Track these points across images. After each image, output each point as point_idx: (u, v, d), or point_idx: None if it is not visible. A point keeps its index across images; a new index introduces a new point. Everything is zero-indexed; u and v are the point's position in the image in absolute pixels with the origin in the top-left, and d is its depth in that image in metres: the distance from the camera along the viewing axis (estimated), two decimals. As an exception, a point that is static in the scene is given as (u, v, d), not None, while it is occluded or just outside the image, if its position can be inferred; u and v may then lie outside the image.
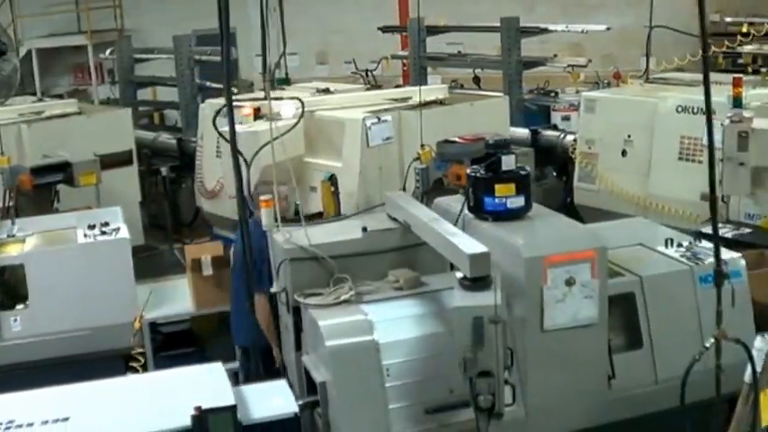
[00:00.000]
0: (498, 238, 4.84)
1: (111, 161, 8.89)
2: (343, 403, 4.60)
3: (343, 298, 4.89)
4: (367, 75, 12.77)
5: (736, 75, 7.59)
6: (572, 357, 4.80)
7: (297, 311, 5.08)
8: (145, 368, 6.12)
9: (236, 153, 5.35)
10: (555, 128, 9.71)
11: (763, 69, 10.50)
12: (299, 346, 5.18)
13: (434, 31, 11.32)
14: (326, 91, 9.04)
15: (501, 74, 11.57)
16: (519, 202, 4.98)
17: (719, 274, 3.45)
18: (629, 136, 8.64)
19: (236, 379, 5.77)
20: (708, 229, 7.82)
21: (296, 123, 6.19)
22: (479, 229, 5.02)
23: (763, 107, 7.79)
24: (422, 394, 4.62)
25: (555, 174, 9.79)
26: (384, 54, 12.49)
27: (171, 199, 9.75)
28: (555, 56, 10.72)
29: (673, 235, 5.65)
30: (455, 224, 5.21)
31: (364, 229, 5.17)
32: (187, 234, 10.03)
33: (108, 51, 11.85)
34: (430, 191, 7.08)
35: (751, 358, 3.61)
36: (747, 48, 10.79)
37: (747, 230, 7.77)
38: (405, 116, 7.88)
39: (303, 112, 6.74)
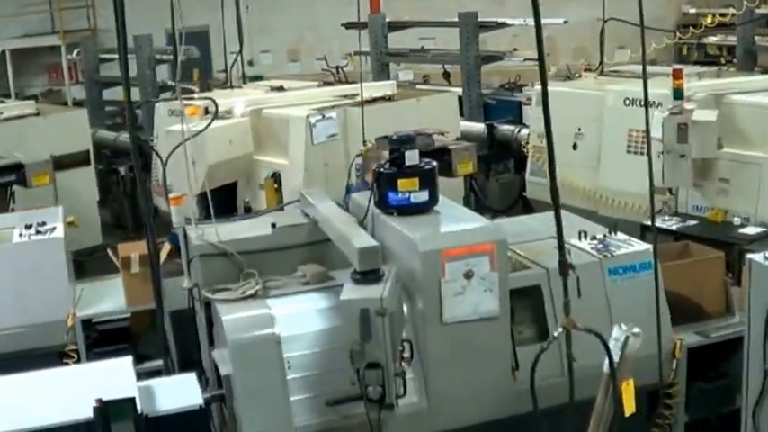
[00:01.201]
0: (399, 232, 4.89)
1: (68, 162, 8.98)
2: (245, 395, 4.67)
3: (248, 293, 4.95)
4: (338, 71, 12.85)
5: (677, 67, 7.59)
6: (474, 350, 4.84)
7: (209, 306, 5.15)
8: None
9: (138, 159, 5.42)
10: (511, 122, 9.73)
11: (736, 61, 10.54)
12: (212, 341, 5.25)
13: (396, 26, 11.36)
14: (280, 89, 9.10)
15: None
16: (423, 196, 5.01)
17: (564, 264, 3.48)
18: (579, 129, 8.66)
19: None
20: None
21: (207, 126, 6.16)
22: (384, 224, 5.08)
23: (708, 99, 7.80)
24: (323, 386, 4.68)
25: (514, 168, 9.82)
26: (356, 50, 12.53)
27: (131, 198, 9.84)
28: (515, 50, 10.74)
29: (587, 227, 5.69)
30: (364, 219, 5.28)
31: (273, 226, 5.23)
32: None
33: (75, 52, 11.96)
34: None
35: (607, 349, 3.65)
36: (712, 39, 10.78)
37: (693, 223, 7.83)
38: (350, 113, 7.92)
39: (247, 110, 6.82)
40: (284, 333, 4.73)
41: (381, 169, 5.09)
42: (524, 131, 9.37)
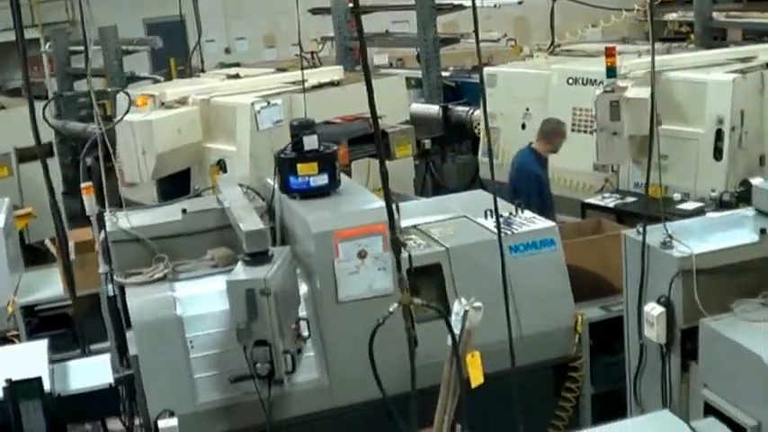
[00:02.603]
0: (297, 214, 5.07)
1: (32, 154, 9.19)
2: (151, 374, 4.87)
3: (157, 276, 5.16)
4: (312, 57, 13.00)
5: (609, 45, 7.67)
6: (371, 327, 5.01)
7: (123, 290, 5.35)
8: (20, 350, 6.43)
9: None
10: (467, 104, 9.84)
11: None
12: (129, 323, 5.46)
13: (360, 11, 11.47)
14: (236, 76, 9.27)
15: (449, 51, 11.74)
16: (322, 179, 5.19)
17: (396, 242, 3.63)
18: (527, 109, 8.78)
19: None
20: (594, 200, 8.05)
21: (120, 119, 6.37)
22: (287, 207, 5.26)
23: (647, 76, 7.87)
24: (226, 364, 4.85)
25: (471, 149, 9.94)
26: (330, 35, 12.66)
27: (97, 189, 10.01)
28: (473, 32, 10.78)
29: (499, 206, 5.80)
30: (270, 203, 5.47)
31: (184, 211, 5.42)
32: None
33: (47, 45, 12.20)
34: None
35: (448, 324, 3.80)
36: (671, 15, 10.82)
37: (633, 199, 7.93)
38: (295, 99, 8.07)
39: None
40: (188, 314, 4.94)
41: (282, 154, 5.26)
42: (477, 113, 9.49)
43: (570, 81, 8.37)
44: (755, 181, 6.96)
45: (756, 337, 4.01)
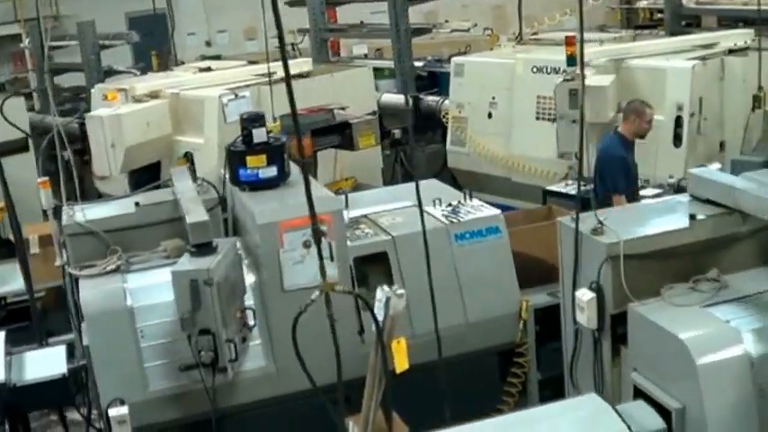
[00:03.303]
0: (246, 206, 5.18)
1: (7, 148, 9.30)
2: (102, 364, 4.99)
3: (110, 268, 5.28)
4: (293, 48, 13.08)
5: (569, 34, 7.77)
6: (318, 315, 5.12)
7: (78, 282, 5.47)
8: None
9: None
10: (437, 93, 9.94)
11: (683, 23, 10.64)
12: (84, 315, 5.59)
13: (334, 2, 11.60)
14: (208, 69, 9.37)
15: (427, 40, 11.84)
16: (271, 171, 5.30)
17: (316, 232, 3.74)
18: (493, 98, 8.88)
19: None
20: (556, 187, 8.15)
21: (77, 115, 6.45)
22: (238, 199, 5.37)
23: (608, 64, 7.98)
24: (176, 353, 4.96)
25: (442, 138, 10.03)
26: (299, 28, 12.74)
27: (77, 181, 10.14)
28: (446, 21, 10.94)
29: (447, 195, 5.92)
30: (223, 195, 5.58)
31: (137, 204, 5.54)
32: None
33: (27, 40, 12.30)
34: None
35: (370, 309, 3.90)
36: (642, 2, 10.89)
37: (595, 186, 8.03)
38: (263, 91, 8.17)
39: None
40: (139, 304, 5.06)
41: (232, 147, 5.37)
42: (447, 102, 9.58)
43: (534, 70, 8.47)
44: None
45: (680, 320, 4.11)
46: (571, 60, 7.63)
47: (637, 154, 7.76)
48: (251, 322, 5.01)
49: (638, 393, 4.27)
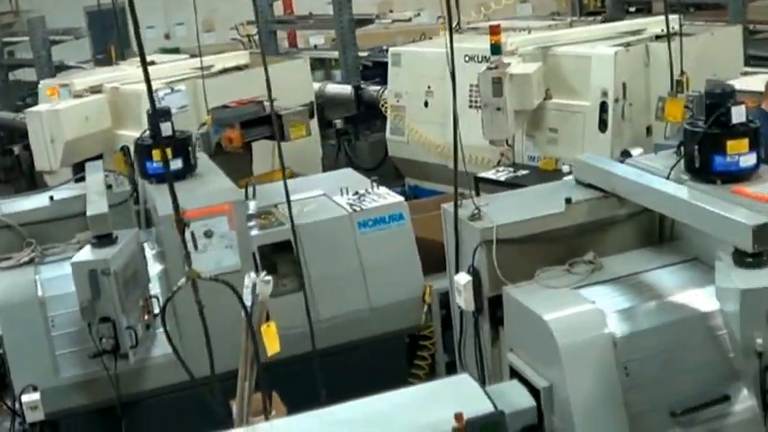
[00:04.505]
0: (152, 198, 5.38)
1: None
2: (14, 352, 5.21)
3: (23, 260, 5.48)
4: (249, 40, 13.25)
5: (493, 23, 7.93)
6: (223, 302, 5.32)
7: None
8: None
9: None
10: (379, 83, 10.10)
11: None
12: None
13: (281, -6, 11.82)
14: (151, 63, 9.50)
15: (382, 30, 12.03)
16: (176, 164, 5.48)
17: (179, 223, 3.94)
18: (429, 87, 9.02)
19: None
20: (487, 174, 8.33)
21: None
22: (147, 191, 5.57)
23: (535, 52, 8.13)
24: (86, 341, 5.14)
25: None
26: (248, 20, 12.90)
27: (28, 177, 10.35)
28: (391, 11, 11.10)
29: (357, 184, 6.11)
30: (136, 187, 5.77)
31: (51, 198, 5.73)
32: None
33: (-19, 37, 12.49)
34: (214, 155, 7.59)
35: (238, 296, 4.09)
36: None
37: (525, 172, 8.22)
38: (199, 84, 8.34)
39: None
40: (50, 294, 5.27)
41: (139, 141, 5.56)
42: (387, 92, 9.73)
43: (466, 59, 8.61)
44: (635, 151, 7.34)
45: (548, 302, 4.28)
46: (495, 48, 7.79)
47: (565, 139, 7.97)
48: (155, 310, 5.21)
49: (514, 373, 4.46)
